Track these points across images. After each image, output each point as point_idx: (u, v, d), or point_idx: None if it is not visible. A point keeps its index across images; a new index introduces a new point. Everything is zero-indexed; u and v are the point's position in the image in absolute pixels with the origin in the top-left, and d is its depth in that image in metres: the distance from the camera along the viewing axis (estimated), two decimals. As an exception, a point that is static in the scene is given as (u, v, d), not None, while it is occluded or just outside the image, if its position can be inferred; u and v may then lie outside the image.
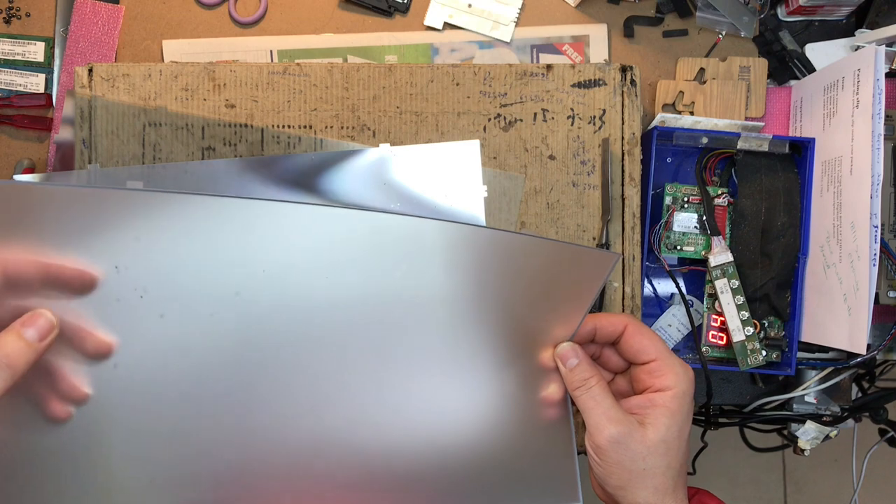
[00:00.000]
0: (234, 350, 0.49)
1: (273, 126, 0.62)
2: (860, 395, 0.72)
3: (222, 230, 0.47)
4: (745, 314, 0.64)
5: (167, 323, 0.47)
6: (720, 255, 0.65)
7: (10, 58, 0.68)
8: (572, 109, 0.63)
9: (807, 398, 0.68)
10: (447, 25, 0.70)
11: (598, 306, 0.61)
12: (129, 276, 0.46)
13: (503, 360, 0.53)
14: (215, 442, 0.50)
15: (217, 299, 0.48)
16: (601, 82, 0.63)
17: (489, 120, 0.63)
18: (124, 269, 0.46)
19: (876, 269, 0.58)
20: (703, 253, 0.66)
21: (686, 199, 0.67)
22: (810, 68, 0.70)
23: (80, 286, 0.45)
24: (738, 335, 0.64)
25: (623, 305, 0.62)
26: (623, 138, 0.63)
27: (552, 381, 0.54)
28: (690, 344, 0.68)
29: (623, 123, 0.63)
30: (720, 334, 0.66)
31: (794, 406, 0.68)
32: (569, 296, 0.53)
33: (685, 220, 0.66)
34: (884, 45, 0.62)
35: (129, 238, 0.45)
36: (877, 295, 0.62)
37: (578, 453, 0.56)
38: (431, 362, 0.52)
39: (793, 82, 0.70)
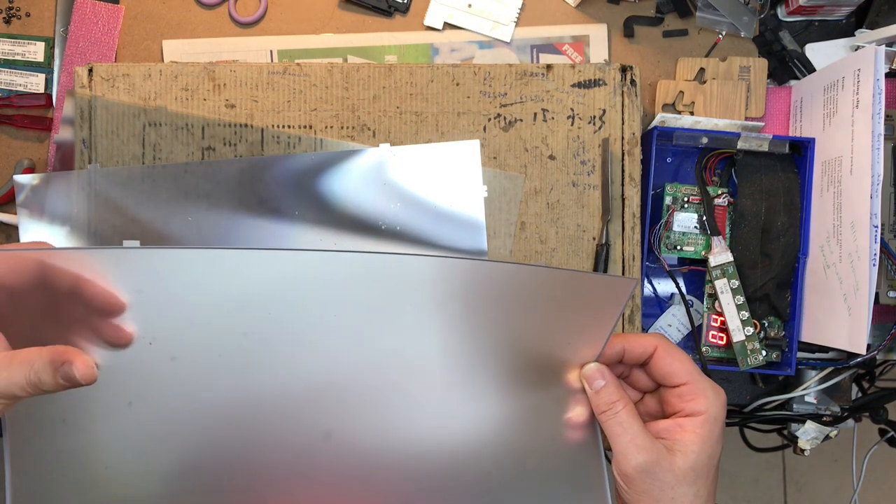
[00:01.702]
0: (244, 389, 0.50)
1: (273, 126, 0.62)
2: (860, 395, 0.72)
3: (221, 280, 0.48)
4: (745, 314, 0.64)
5: (178, 364, 0.49)
6: (720, 255, 0.65)
7: (10, 58, 0.68)
8: (572, 109, 0.63)
9: (807, 398, 0.68)
10: (447, 25, 0.70)
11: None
12: (135, 328, 0.47)
13: (525, 383, 0.53)
14: (228, 479, 0.51)
15: (225, 341, 0.49)
16: (601, 82, 0.63)
17: (489, 120, 0.63)
18: (130, 321, 0.47)
19: (876, 269, 0.58)
20: (703, 253, 0.66)
21: (686, 199, 0.67)
22: (810, 68, 0.70)
23: (107, 308, 0.46)
24: (738, 335, 0.64)
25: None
26: (623, 138, 0.63)
27: (579, 403, 0.53)
28: (690, 344, 0.68)
29: (623, 123, 0.63)
30: (720, 334, 0.66)
31: (794, 406, 0.68)
32: (590, 320, 0.52)
33: (685, 220, 0.66)
34: (884, 45, 0.62)
35: (132, 292, 0.47)
36: (877, 295, 0.62)
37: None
38: (447, 389, 0.52)
39: (793, 82, 0.70)
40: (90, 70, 0.61)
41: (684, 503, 0.49)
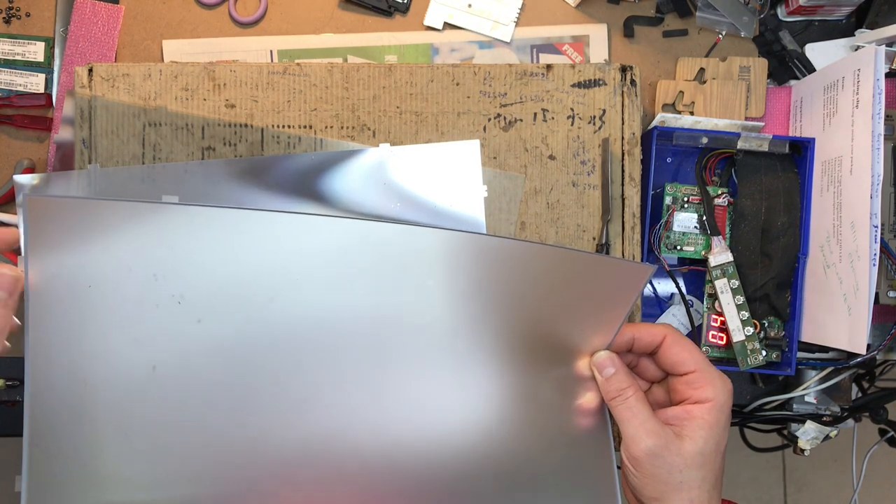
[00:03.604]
0: (267, 354, 0.50)
1: (273, 126, 0.62)
2: (860, 395, 0.72)
3: (254, 241, 0.49)
4: (745, 314, 0.64)
5: (204, 328, 0.49)
6: (720, 255, 0.65)
7: (10, 58, 0.68)
8: (572, 109, 0.63)
9: (807, 398, 0.68)
10: (447, 25, 0.70)
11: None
12: (166, 284, 0.48)
13: (536, 367, 0.53)
14: (249, 440, 0.51)
15: (252, 306, 0.49)
16: (601, 82, 0.63)
17: (489, 120, 0.63)
18: (162, 277, 0.48)
19: (876, 269, 0.58)
20: (703, 253, 0.66)
21: (686, 199, 0.67)
22: (810, 68, 0.70)
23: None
24: (738, 335, 0.64)
25: (623, 305, 0.62)
26: (623, 138, 0.63)
27: (589, 390, 0.54)
28: (690, 344, 0.68)
29: (623, 123, 0.63)
30: (720, 334, 0.66)
31: (794, 406, 0.68)
32: (604, 306, 0.52)
33: (685, 220, 0.66)
34: (884, 45, 0.62)
35: (164, 247, 0.47)
36: (877, 295, 0.62)
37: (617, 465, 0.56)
38: (461, 370, 0.52)
39: (793, 82, 0.70)
40: (90, 70, 0.61)
41: (692, 487, 0.49)
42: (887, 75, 0.61)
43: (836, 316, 0.61)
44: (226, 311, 0.49)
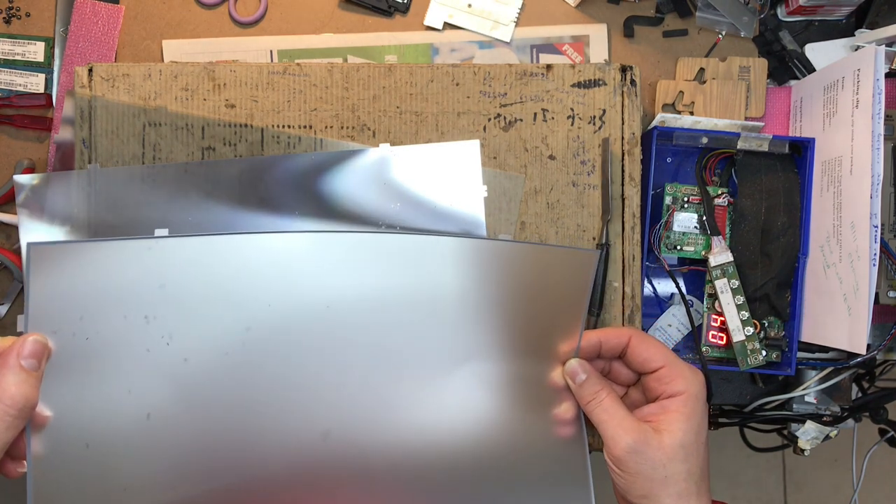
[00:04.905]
0: (246, 390, 0.50)
1: (273, 126, 0.62)
2: (860, 395, 0.72)
3: (239, 266, 0.49)
4: (745, 314, 0.64)
5: (190, 366, 0.49)
6: (720, 255, 0.65)
7: (10, 58, 0.68)
8: (572, 109, 0.63)
9: (807, 398, 0.68)
10: (447, 25, 0.70)
11: (599, 306, 0.61)
12: (157, 325, 0.48)
13: (513, 381, 0.54)
14: (233, 484, 0.51)
15: (230, 338, 0.50)
16: (601, 82, 0.63)
17: (489, 120, 0.63)
18: (153, 318, 0.48)
19: (876, 269, 0.58)
20: (703, 253, 0.66)
21: (686, 199, 0.67)
22: (810, 68, 0.70)
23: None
24: (738, 335, 0.64)
25: (623, 305, 0.62)
26: (623, 138, 0.63)
27: (564, 400, 0.55)
28: (690, 344, 0.68)
29: (623, 123, 0.63)
30: (720, 334, 0.66)
31: (794, 406, 0.68)
32: (562, 300, 0.53)
33: (685, 220, 0.66)
34: (884, 45, 0.62)
35: (156, 286, 0.47)
36: (877, 295, 0.62)
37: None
38: (442, 385, 0.53)
39: (793, 82, 0.70)
40: (90, 70, 0.61)
41: (678, 481, 0.50)
42: (887, 75, 0.61)
43: (836, 316, 0.61)
44: (208, 345, 0.49)
